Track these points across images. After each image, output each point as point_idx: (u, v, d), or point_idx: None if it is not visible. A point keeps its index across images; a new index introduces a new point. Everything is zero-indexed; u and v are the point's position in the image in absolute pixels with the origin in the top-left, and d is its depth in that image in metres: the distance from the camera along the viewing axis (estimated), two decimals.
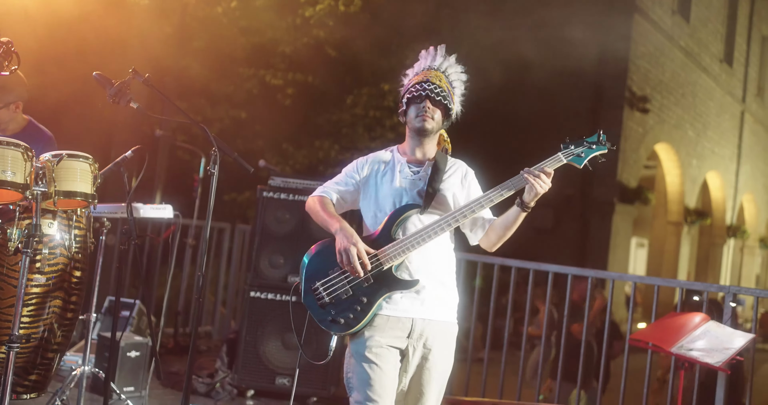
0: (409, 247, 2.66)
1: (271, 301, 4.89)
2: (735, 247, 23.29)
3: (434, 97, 2.77)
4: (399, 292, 2.69)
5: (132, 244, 3.68)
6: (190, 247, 6.77)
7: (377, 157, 2.92)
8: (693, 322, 3.74)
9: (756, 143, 24.27)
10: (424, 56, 2.94)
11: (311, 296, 2.71)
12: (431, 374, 2.73)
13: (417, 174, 2.82)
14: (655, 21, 16.51)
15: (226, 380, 4.95)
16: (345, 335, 2.71)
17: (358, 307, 2.65)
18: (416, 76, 2.87)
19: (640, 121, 16.27)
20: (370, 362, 2.64)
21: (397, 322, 2.69)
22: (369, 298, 2.65)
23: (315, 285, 2.71)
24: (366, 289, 2.66)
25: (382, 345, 2.67)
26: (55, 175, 3.32)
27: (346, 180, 2.91)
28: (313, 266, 2.76)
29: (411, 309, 2.71)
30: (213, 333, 7.15)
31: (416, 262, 2.72)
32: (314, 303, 2.70)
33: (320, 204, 2.86)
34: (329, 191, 2.91)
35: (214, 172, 3.12)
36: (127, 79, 3.30)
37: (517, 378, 5.19)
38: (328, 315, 2.67)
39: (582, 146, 2.80)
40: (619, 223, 15.67)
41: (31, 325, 3.60)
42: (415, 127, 2.82)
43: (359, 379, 2.64)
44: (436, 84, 2.79)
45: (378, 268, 2.66)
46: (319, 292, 2.70)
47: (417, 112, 2.79)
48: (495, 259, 5.33)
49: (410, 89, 2.83)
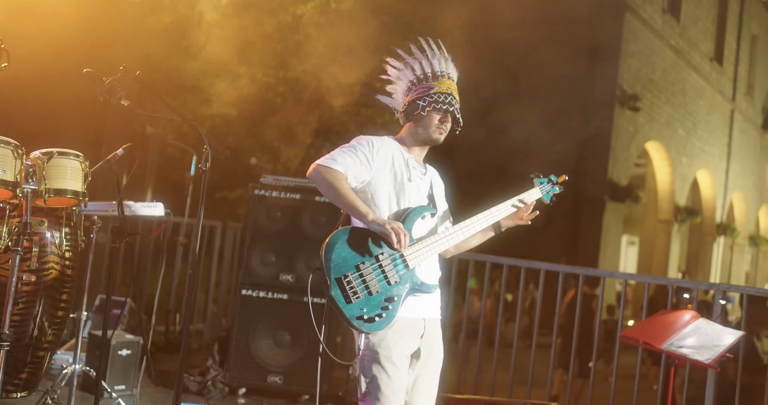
0: (434, 250, 2.70)
1: (262, 299, 4.88)
2: (725, 245, 23.43)
3: (455, 114, 2.81)
4: (420, 294, 2.68)
5: (123, 242, 3.67)
6: (181, 245, 6.74)
7: (389, 146, 2.79)
8: (683, 320, 3.76)
9: (746, 141, 24.41)
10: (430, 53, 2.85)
11: (338, 290, 2.51)
12: (435, 369, 2.80)
13: (425, 175, 2.86)
14: (645, 19, 16.57)
15: (218, 378, 4.94)
16: (370, 334, 2.59)
17: (389, 306, 2.56)
18: (438, 83, 2.80)
19: (630, 120, 16.33)
20: (397, 369, 2.63)
21: (414, 324, 2.70)
22: (397, 297, 2.59)
23: (343, 278, 2.51)
24: (392, 288, 2.59)
25: (406, 353, 2.68)
26: (45, 173, 3.31)
27: (364, 159, 2.68)
28: (341, 257, 2.54)
29: (422, 310, 2.73)
30: (204, 331, 7.14)
31: (425, 263, 2.73)
32: (342, 297, 2.51)
33: (344, 181, 2.63)
34: (346, 167, 2.65)
35: (205, 169, 3.12)
36: (118, 76, 3.29)
37: (508, 376, 5.20)
38: (359, 311, 2.51)
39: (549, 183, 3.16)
40: (609, 221, 15.73)
41: (22, 323, 3.58)
42: (430, 138, 2.81)
43: (384, 385, 2.60)
44: (457, 99, 2.82)
45: (405, 267, 2.63)
46: (351, 284, 2.51)
47: (438, 125, 2.79)
48: (487, 258, 5.35)
49: (435, 97, 2.77)
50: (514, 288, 11.23)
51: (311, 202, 4.93)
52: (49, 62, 6.29)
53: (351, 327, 2.55)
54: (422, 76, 2.84)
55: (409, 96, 2.84)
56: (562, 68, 15.63)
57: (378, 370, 2.61)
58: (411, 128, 2.85)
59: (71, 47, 6.54)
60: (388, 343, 2.62)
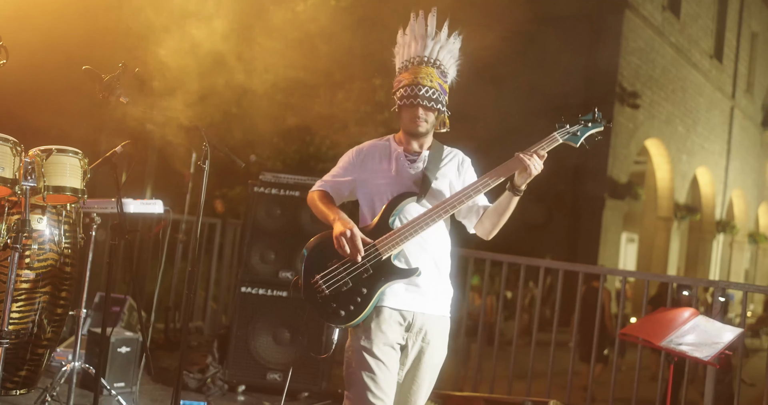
0: (407, 235, 2.63)
1: (262, 296, 4.88)
2: (724, 243, 23.45)
3: (425, 103, 2.72)
4: (398, 281, 2.65)
5: (122, 239, 3.67)
6: (180, 243, 6.74)
7: (373, 146, 2.87)
8: (682, 317, 3.75)
9: (745, 139, 24.41)
10: (413, 29, 2.82)
11: (311, 290, 2.65)
12: (427, 367, 2.73)
13: (413, 163, 2.80)
14: (645, 17, 16.55)
15: (217, 376, 4.94)
16: (346, 327, 2.67)
17: (358, 299, 2.60)
18: (407, 73, 2.77)
19: (630, 117, 16.32)
20: (377, 359, 2.61)
21: (399, 315, 2.68)
22: (369, 289, 2.61)
23: (314, 278, 2.66)
24: (365, 280, 2.61)
25: (389, 342, 2.65)
26: (44, 170, 3.31)
27: (343, 172, 2.86)
28: (312, 259, 2.70)
29: (413, 303, 2.69)
30: (204, 328, 7.14)
31: (415, 253, 2.69)
32: (314, 297, 2.64)
33: (319, 198, 2.84)
34: (327, 185, 2.88)
35: (204, 167, 3.11)
36: (117, 73, 3.29)
37: (508, 373, 5.21)
38: (329, 308, 2.61)
39: (578, 125, 2.84)
40: (609, 218, 15.73)
41: (21, 320, 3.58)
42: (409, 131, 2.80)
43: (365, 376, 2.60)
44: (427, 86, 2.72)
45: (377, 258, 2.62)
46: (318, 284, 2.64)
47: (410, 118, 2.76)
48: (486, 255, 5.35)
49: (401, 92, 2.75)
50: (513, 285, 11.24)
51: None
52: (48, 59, 6.27)
53: (328, 323, 2.65)
54: (402, 65, 2.83)
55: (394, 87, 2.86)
56: (561, 65, 15.62)
57: (359, 360, 2.63)
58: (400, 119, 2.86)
59: (70, 45, 6.53)
60: (368, 333, 2.64)
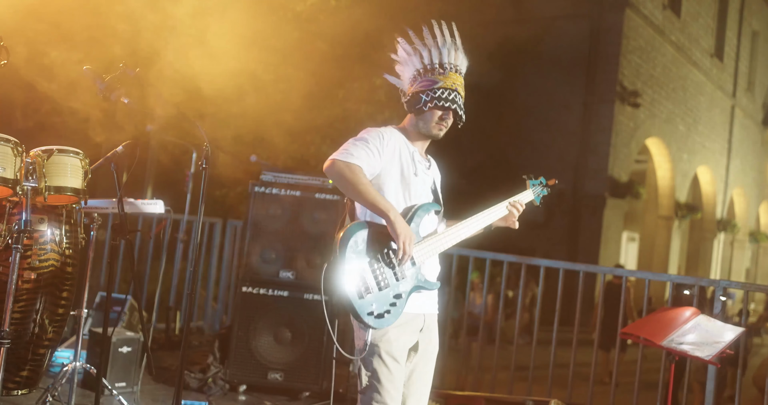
0: (439, 248, 2.71)
1: (263, 296, 4.88)
2: (725, 241, 23.44)
3: (459, 111, 2.76)
4: (423, 290, 2.70)
5: (123, 239, 3.67)
6: (181, 242, 6.74)
7: (397, 138, 2.76)
8: (683, 316, 3.75)
9: (746, 138, 24.40)
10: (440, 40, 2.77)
11: (351, 285, 2.48)
12: (431, 363, 2.82)
13: (428, 169, 2.84)
14: (646, 16, 16.55)
15: (218, 375, 4.94)
16: (377, 329, 2.57)
17: (396, 302, 2.57)
18: (444, 77, 2.74)
19: (631, 116, 16.32)
20: (397, 363, 2.66)
21: (415, 319, 2.72)
22: (404, 293, 2.62)
23: (358, 274, 2.49)
24: (399, 284, 2.60)
25: (406, 347, 2.71)
26: (45, 171, 3.31)
27: (376, 153, 2.64)
28: (356, 252, 2.51)
29: (424, 305, 2.75)
30: (205, 328, 7.14)
31: (428, 260, 2.74)
32: (354, 293, 2.48)
33: (364, 176, 2.58)
34: (363, 162, 2.60)
35: (205, 166, 3.12)
36: (118, 73, 3.29)
37: (509, 372, 5.21)
38: (369, 307, 2.50)
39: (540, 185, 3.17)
40: (610, 217, 15.73)
41: (22, 321, 3.58)
42: (429, 133, 2.79)
43: (385, 378, 2.63)
44: (461, 95, 2.77)
45: (414, 264, 2.64)
46: (364, 280, 2.50)
47: (439, 119, 2.76)
48: (487, 254, 5.35)
49: (439, 93, 2.72)
50: (514, 285, 11.24)
51: (311, 198, 4.93)
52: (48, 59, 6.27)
53: (359, 322, 2.54)
54: (429, 67, 2.77)
55: (414, 86, 2.78)
56: (562, 64, 15.63)
57: (379, 364, 2.63)
58: (412, 120, 2.81)
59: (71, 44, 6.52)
60: (389, 337, 2.64)
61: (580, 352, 4.97)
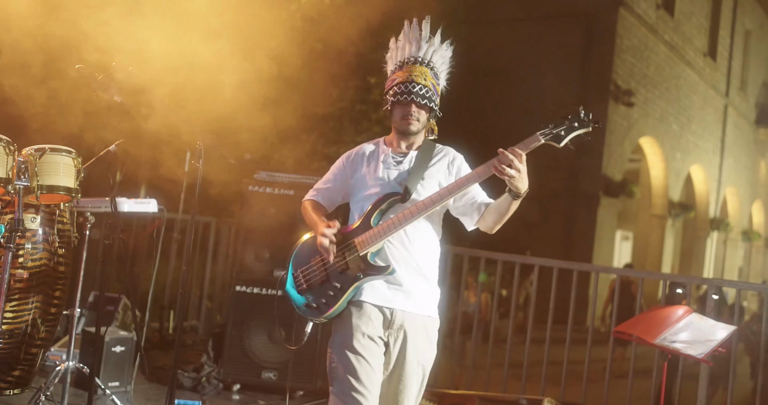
0: (384, 233, 2.65)
1: (256, 295, 4.87)
2: (718, 240, 23.52)
3: (419, 100, 2.75)
4: (374, 278, 2.66)
5: (116, 238, 3.66)
6: (175, 242, 6.73)
7: (362, 150, 2.92)
8: (676, 315, 3.77)
9: (739, 137, 24.49)
10: (407, 34, 2.86)
11: (292, 283, 2.79)
12: (411, 368, 2.70)
13: (400, 163, 2.81)
14: (639, 15, 16.58)
15: (212, 374, 4.94)
16: (319, 321, 2.73)
17: (331, 292, 2.67)
18: (401, 72, 2.80)
19: (624, 115, 16.36)
20: (356, 354, 2.59)
21: (378, 311, 2.68)
22: (342, 284, 2.66)
23: (297, 272, 2.79)
24: (340, 276, 2.68)
25: (371, 336, 2.63)
26: (37, 170, 3.30)
27: (333, 178, 2.95)
28: (299, 256, 2.83)
29: (393, 300, 2.69)
30: (199, 327, 7.13)
31: (397, 253, 2.70)
32: (294, 289, 2.77)
33: (311, 207, 2.93)
34: (318, 194, 2.98)
35: (199, 165, 3.11)
36: (111, 72, 3.28)
37: (503, 371, 5.21)
38: (304, 300, 2.73)
39: (562, 126, 2.68)
40: (604, 216, 15.77)
41: (14, 320, 3.57)
42: (400, 129, 2.82)
43: (345, 371, 2.58)
44: (421, 84, 2.75)
45: (353, 254, 2.68)
46: (299, 278, 2.77)
47: (402, 115, 2.78)
48: (481, 253, 5.35)
49: (394, 89, 2.78)
50: (509, 283, 11.25)
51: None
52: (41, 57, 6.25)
53: (300, 314, 2.75)
54: (396, 66, 2.87)
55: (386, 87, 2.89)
56: (556, 63, 15.65)
57: (339, 355, 2.63)
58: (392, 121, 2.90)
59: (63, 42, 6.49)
60: (348, 328, 2.65)
61: (573, 351, 4.98)
